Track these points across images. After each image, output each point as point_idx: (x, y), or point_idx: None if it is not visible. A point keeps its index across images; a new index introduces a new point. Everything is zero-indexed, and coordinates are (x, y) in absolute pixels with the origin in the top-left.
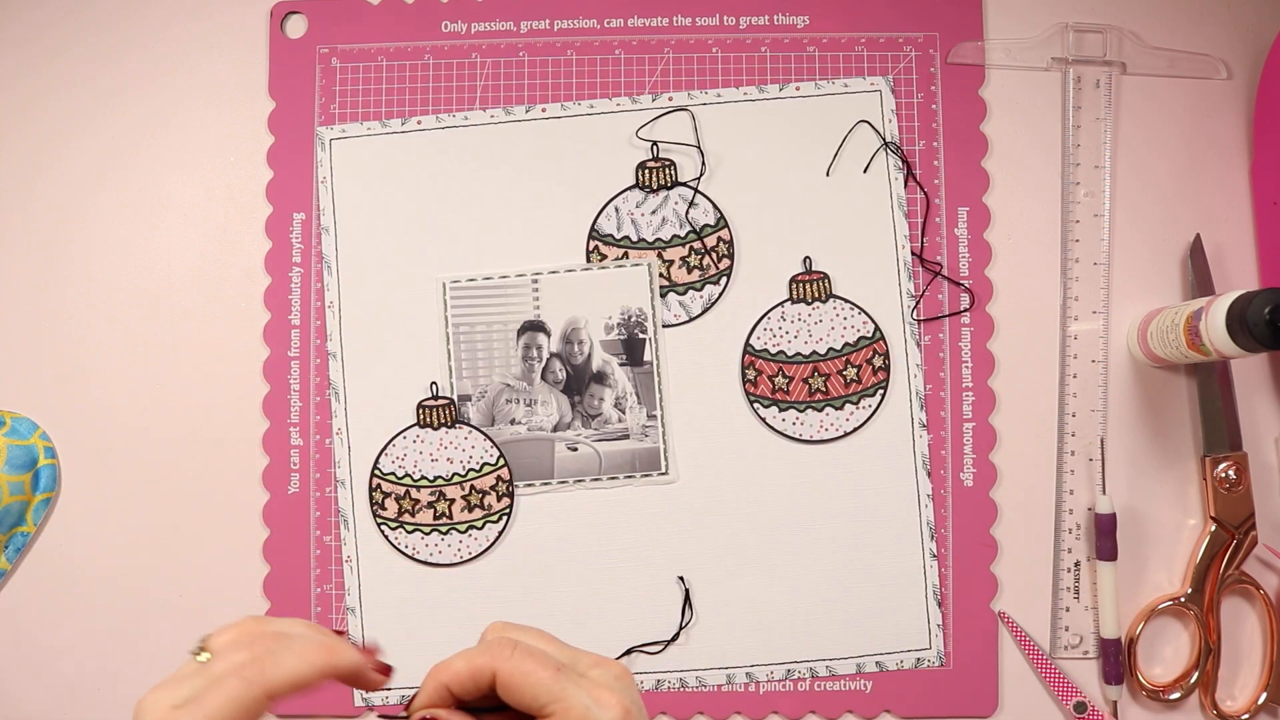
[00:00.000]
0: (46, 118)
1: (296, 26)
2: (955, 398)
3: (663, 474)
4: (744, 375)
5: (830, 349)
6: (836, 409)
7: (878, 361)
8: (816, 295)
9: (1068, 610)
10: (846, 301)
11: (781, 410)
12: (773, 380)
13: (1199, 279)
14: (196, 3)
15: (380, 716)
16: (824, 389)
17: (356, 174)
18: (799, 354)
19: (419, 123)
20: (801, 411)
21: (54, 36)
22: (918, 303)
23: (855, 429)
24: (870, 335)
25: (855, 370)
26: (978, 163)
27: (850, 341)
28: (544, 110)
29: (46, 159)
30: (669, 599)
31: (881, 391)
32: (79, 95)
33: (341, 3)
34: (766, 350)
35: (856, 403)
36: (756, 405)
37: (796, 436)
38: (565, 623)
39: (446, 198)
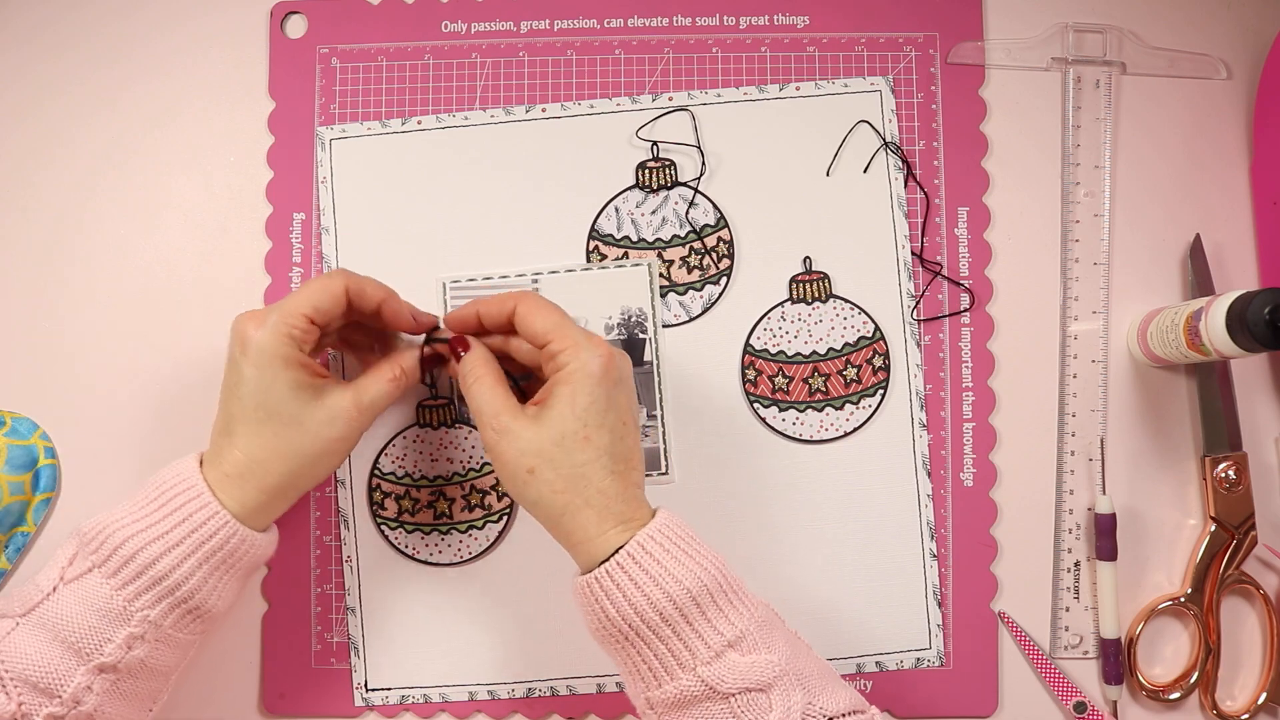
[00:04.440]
0: (46, 117)
1: (296, 26)
2: (955, 398)
3: (663, 474)
4: (744, 375)
5: (830, 349)
6: (836, 409)
7: (878, 361)
8: (816, 295)
9: (1067, 610)
10: (846, 301)
11: (781, 410)
12: (773, 380)
13: (1199, 279)
14: (196, 3)
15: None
16: (824, 389)
17: (356, 174)
18: (799, 354)
19: (419, 123)
20: (801, 411)
21: (53, 36)
22: (918, 303)
23: (855, 429)
24: (870, 335)
25: (855, 370)
26: (978, 163)
27: (850, 341)
28: (544, 110)
29: (46, 158)
30: None
31: (881, 391)
32: (78, 95)
33: (341, 3)
34: (766, 350)
35: (856, 403)
36: (756, 405)
37: (796, 436)
38: (565, 621)
39: (446, 198)
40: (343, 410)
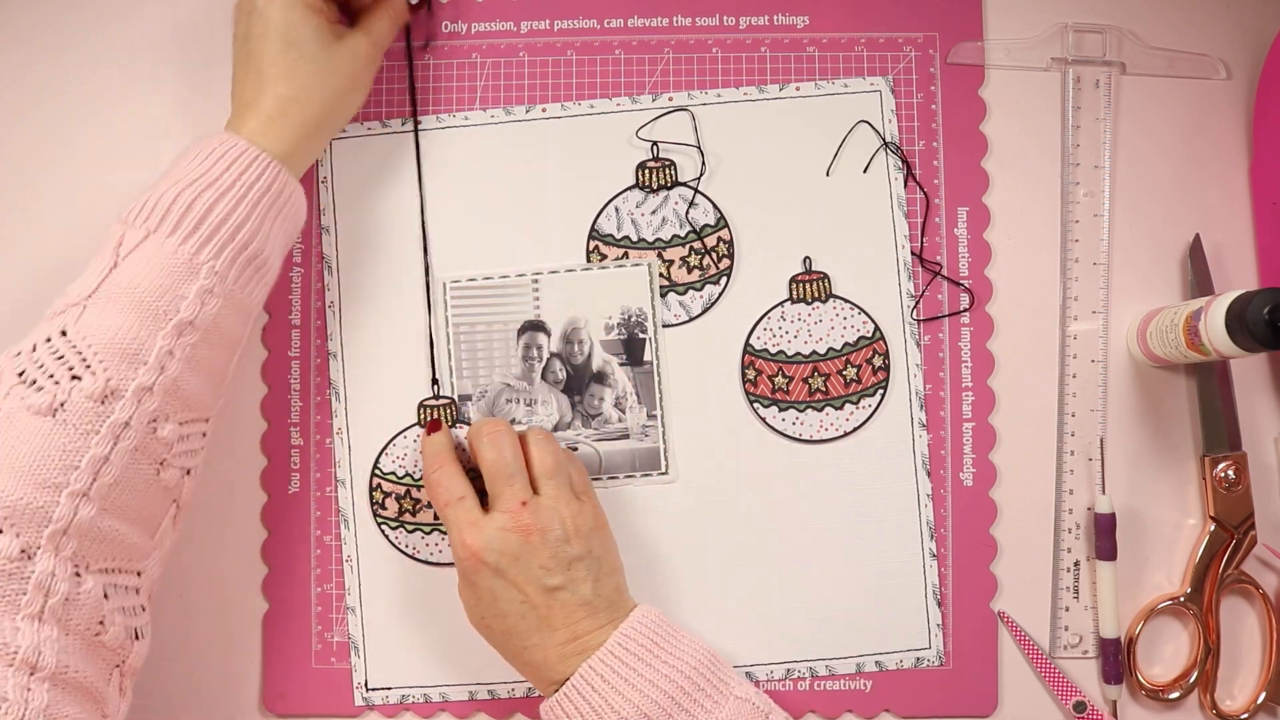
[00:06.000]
0: (46, 117)
1: None
2: (955, 398)
3: (663, 474)
4: (744, 375)
5: (830, 349)
6: (836, 409)
7: (877, 361)
8: (816, 295)
9: (1067, 610)
10: (846, 301)
11: (781, 410)
12: (773, 380)
13: (1198, 279)
14: (197, 3)
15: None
16: (824, 389)
17: (357, 174)
18: (799, 354)
19: (419, 123)
20: (801, 411)
21: (53, 36)
22: (918, 303)
23: (855, 429)
24: (870, 335)
25: (855, 370)
26: (978, 163)
27: (850, 341)
28: (544, 110)
29: (46, 158)
30: (668, 598)
31: (881, 391)
32: (78, 94)
33: None
34: (766, 350)
35: (856, 402)
36: (756, 405)
37: (796, 436)
38: None
39: (446, 198)
40: (361, 46)
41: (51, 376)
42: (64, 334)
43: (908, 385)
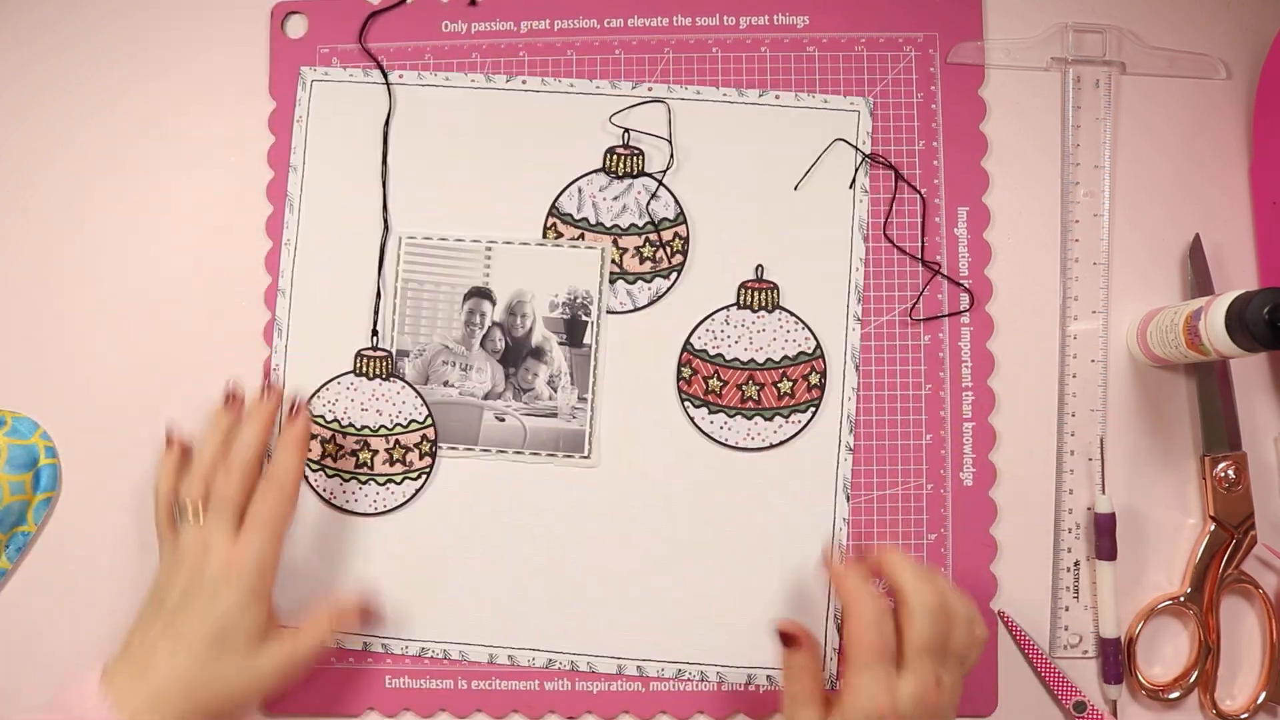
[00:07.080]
0: (46, 117)
1: (297, 26)
2: (955, 398)
3: (585, 457)
4: (679, 372)
5: (769, 359)
6: (766, 419)
7: (814, 379)
8: (763, 304)
9: (1067, 610)
10: (792, 315)
11: (711, 413)
12: (706, 381)
13: (1198, 279)
14: (196, 2)
15: None
16: (756, 398)
17: (331, 117)
18: (737, 359)
19: (400, 76)
20: (731, 417)
21: (53, 36)
22: (916, 302)
23: (781, 442)
24: (810, 351)
25: (790, 384)
26: (978, 163)
27: (790, 355)
28: (524, 82)
29: (46, 158)
30: (573, 577)
31: (813, 409)
32: (78, 95)
33: (341, 3)
34: (706, 351)
35: (787, 416)
36: (687, 404)
37: (722, 441)
38: (470, 588)
39: (415, 154)
40: (281, 660)
41: None
42: None
43: (840, 408)
